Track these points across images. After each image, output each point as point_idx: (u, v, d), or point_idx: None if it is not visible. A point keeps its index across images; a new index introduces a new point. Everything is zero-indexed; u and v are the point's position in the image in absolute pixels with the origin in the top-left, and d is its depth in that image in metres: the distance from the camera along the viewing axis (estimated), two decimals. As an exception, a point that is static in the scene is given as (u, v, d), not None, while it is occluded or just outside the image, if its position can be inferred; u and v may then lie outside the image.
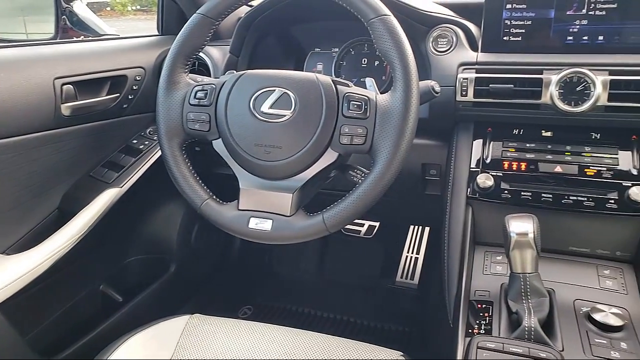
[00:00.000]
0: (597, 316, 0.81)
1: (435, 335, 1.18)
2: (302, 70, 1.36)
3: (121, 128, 1.34)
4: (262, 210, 0.87)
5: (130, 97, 1.32)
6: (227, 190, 0.97)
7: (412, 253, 1.98)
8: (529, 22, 1.06)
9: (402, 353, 0.87)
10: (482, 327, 0.84)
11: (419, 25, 1.14)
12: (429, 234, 1.99)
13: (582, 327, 0.81)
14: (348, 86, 0.87)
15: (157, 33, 1.56)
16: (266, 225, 0.85)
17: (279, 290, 1.93)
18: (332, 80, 0.87)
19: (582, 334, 0.79)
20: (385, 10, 0.83)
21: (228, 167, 0.91)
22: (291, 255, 2.01)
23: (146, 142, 1.36)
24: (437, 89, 0.92)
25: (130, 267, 1.53)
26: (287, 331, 0.91)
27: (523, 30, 1.07)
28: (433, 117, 1.12)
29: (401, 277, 1.90)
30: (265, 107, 0.86)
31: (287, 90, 0.86)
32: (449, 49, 1.11)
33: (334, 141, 0.84)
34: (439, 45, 1.12)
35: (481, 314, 0.87)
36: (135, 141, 1.36)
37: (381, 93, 0.86)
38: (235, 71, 0.94)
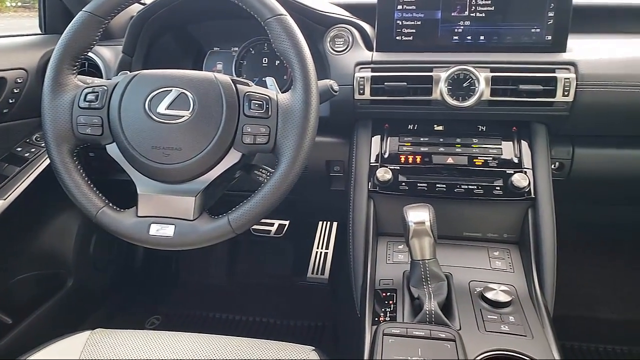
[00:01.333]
0: (489, 295, 0.88)
1: (345, 326, 1.21)
2: (202, 70, 1.33)
3: (2, 135, 1.22)
4: (164, 216, 0.84)
5: (11, 102, 1.21)
6: (126, 196, 0.92)
7: (322, 248, 2.02)
8: (419, 23, 1.12)
9: (313, 348, 0.88)
10: (388, 314, 0.88)
11: (316, 25, 1.16)
12: (337, 228, 2.03)
13: (476, 306, 0.87)
14: (248, 85, 0.86)
15: (39, 32, 1.45)
16: (168, 231, 0.82)
17: (189, 297, 1.88)
18: (232, 80, 0.86)
19: (477, 312, 0.86)
20: (281, 10, 0.84)
21: (125, 172, 0.87)
22: (199, 260, 1.96)
23: (32, 150, 1.26)
24: (336, 87, 0.95)
25: (21, 286, 1.40)
26: (196, 337, 0.89)
27: (414, 30, 1.12)
28: (334, 115, 1.15)
29: (312, 273, 1.93)
30: (161, 108, 0.83)
31: (184, 91, 0.83)
32: (345, 48, 1.14)
33: (237, 141, 0.83)
34: (336, 45, 1.15)
35: (386, 302, 0.91)
36: (19, 149, 1.26)
37: (282, 92, 0.87)
38: (129, 72, 0.90)
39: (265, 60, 1.32)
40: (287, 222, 1.95)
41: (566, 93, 1.03)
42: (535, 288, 0.94)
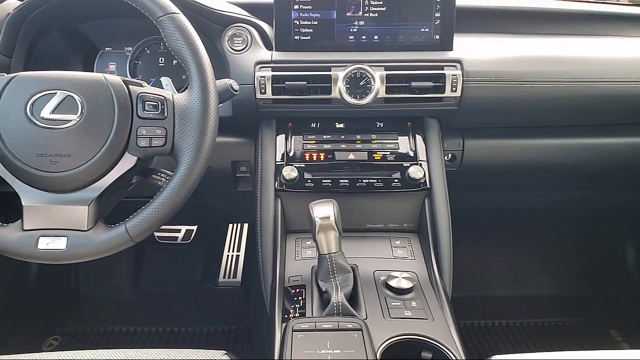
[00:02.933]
0: (392, 282, 0.92)
1: (258, 327, 1.21)
2: (93, 72, 1.25)
3: None
4: (54, 228, 0.78)
5: None
6: (11, 210, 0.84)
7: (233, 251, 1.99)
8: (316, 23, 1.14)
9: (225, 352, 0.87)
10: (297, 310, 0.89)
11: (213, 24, 1.14)
12: (248, 230, 2.02)
13: (381, 295, 0.91)
14: (141, 86, 0.83)
15: None
16: (60, 243, 0.77)
17: (91, 313, 1.77)
18: (123, 80, 0.82)
19: (382, 300, 0.89)
20: (173, 8, 0.82)
21: (7, 183, 0.80)
22: (101, 272, 1.85)
23: None
24: (236, 87, 0.94)
25: None
26: (99, 354, 0.84)
27: (311, 30, 1.14)
28: (237, 115, 1.14)
29: (224, 277, 1.90)
30: (45, 113, 0.77)
31: (71, 93, 0.78)
32: (245, 47, 1.14)
33: (131, 144, 0.80)
34: (235, 44, 1.14)
35: (296, 299, 0.92)
36: None
37: (179, 92, 0.84)
38: (6, 74, 0.83)
39: (161, 60, 1.28)
40: (194, 227, 1.91)
41: (454, 89, 1.10)
42: (434, 273, 0.99)
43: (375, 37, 1.15)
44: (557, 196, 1.57)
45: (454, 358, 0.76)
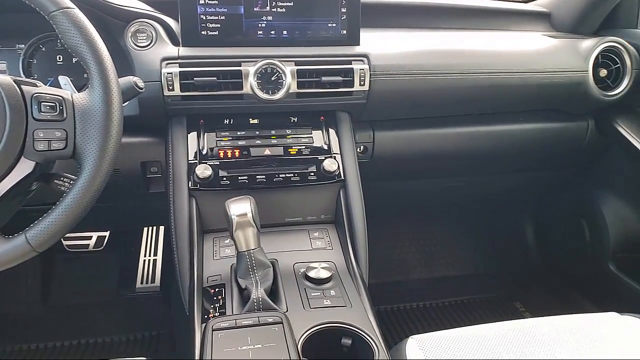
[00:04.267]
0: (311, 273, 0.93)
1: (179, 331, 1.18)
2: (-20, 71, 1.15)
3: None
4: None
5: None
6: None
7: (150, 256, 1.92)
8: (223, 17, 1.12)
9: (145, 358, 0.84)
10: (217, 310, 0.88)
11: (114, 20, 1.09)
12: (164, 232, 1.95)
13: (301, 286, 0.92)
14: (36, 86, 0.78)
15: None
16: (-50, 258, 0.71)
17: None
18: (15, 80, 0.76)
19: (302, 291, 0.91)
20: (66, 2, 0.77)
21: None
22: (4, 287, 1.71)
23: None
24: (141, 84, 0.90)
25: None
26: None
27: (219, 25, 1.13)
28: (145, 114, 1.10)
29: (142, 283, 1.83)
30: None
31: None
32: (149, 44, 1.10)
33: (28, 149, 0.75)
34: (139, 41, 1.10)
35: (215, 298, 0.91)
36: None
37: (80, 92, 0.80)
38: None
39: (59, 58, 1.20)
40: (107, 233, 1.81)
41: (362, 83, 1.14)
42: (351, 261, 1.02)
43: (284, 32, 1.16)
44: (463, 181, 1.67)
45: (372, 342, 0.79)
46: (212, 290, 0.93)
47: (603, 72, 1.34)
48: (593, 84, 1.31)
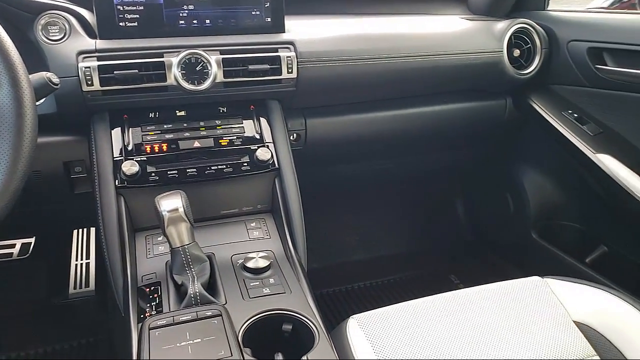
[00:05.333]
0: (249, 264, 0.93)
1: (117, 333, 1.15)
2: None
3: None
4: None
5: None
6: None
7: (82, 259, 1.84)
8: (142, 8, 1.08)
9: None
10: (154, 308, 0.86)
11: (20, 12, 1.02)
12: (95, 233, 1.87)
13: (239, 277, 0.92)
14: None
15: None
16: None
17: None
18: None
19: (240, 283, 0.90)
20: None
21: None
22: None
23: None
24: (56, 80, 0.85)
25: None
26: None
27: (138, 16, 1.09)
28: (63, 111, 1.05)
29: (75, 289, 1.75)
30: None
31: None
32: (63, 37, 1.04)
33: None
34: (51, 34, 1.04)
35: (151, 297, 0.88)
36: None
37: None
38: None
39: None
40: (32, 240, 1.71)
41: (290, 70, 1.14)
42: (289, 249, 1.03)
43: (207, 21, 1.14)
44: (394, 162, 1.72)
45: (312, 325, 0.80)
46: (148, 289, 0.90)
47: (517, 52, 1.42)
48: (508, 64, 1.38)
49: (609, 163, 1.24)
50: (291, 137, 1.28)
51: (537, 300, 1.02)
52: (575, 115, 1.38)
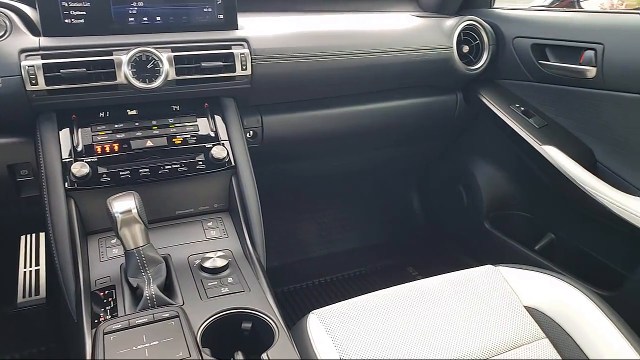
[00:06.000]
0: (207, 263, 0.92)
1: (70, 340, 1.11)
2: None
3: None
4: None
5: None
6: None
7: (32, 266, 1.77)
8: (88, 4, 1.05)
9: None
10: (109, 312, 0.84)
11: (-45, 9, 0.97)
12: (45, 238, 1.80)
13: (197, 278, 0.91)
14: None
15: None
16: None
17: None
18: None
19: (198, 283, 0.89)
20: None
21: None
22: None
23: None
24: None
25: None
26: None
27: (84, 13, 1.05)
28: (5, 112, 1.01)
29: (24, 297, 1.68)
30: None
31: None
32: (3, 34, 1.00)
33: None
34: (-10, 31, 0.99)
35: (105, 301, 0.86)
36: None
37: None
38: None
39: None
40: (-25, 248, 1.64)
41: (244, 67, 1.13)
42: (248, 247, 1.03)
43: (158, 18, 1.11)
44: (352, 158, 1.74)
45: (272, 322, 0.80)
46: (102, 294, 0.88)
47: (466, 48, 1.46)
48: (458, 59, 1.42)
49: (554, 154, 1.30)
50: (247, 135, 1.27)
51: (490, 287, 1.05)
52: (522, 108, 1.44)
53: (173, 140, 1.09)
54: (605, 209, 1.18)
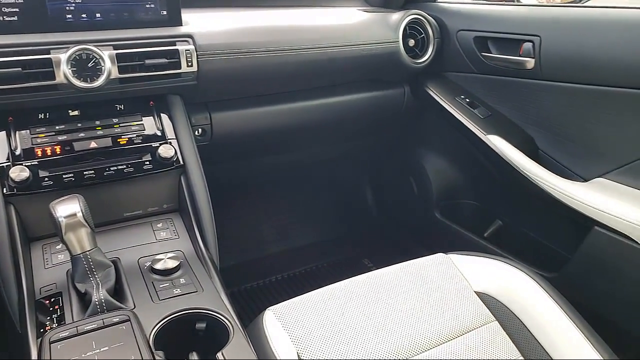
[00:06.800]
0: (158, 265, 0.90)
1: (15, 352, 1.06)
2: None
3: None
4: None
5: None
6: None
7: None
8: (21, 1, 1.00)
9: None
10: (55, 321, 0.81)
11: None
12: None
13: (148, 280, 0.89)
14: None
15: None
16: None
17: None
18: None
19: (149, 285, 0.87)
20: None
21: None
22: None
23: None
24: None
25: None
26: None
27: (17, 9, 1.00)
28: None
29: (-36, 310, 1.58)
30: None
31: None
32: None
33: None
34: None
35: (52, 309, 0.83)
36: None
37: None
38: None
39: None
40: None
41: (189, 64, 1.11)
42: (200, 247, 1.01)
43: (98, 15, 1.08)
44: (305, 153, 1.74)
45: (226, 321, 0.80)
46: (47, 302, 0.84)
47: (412, 42, 1.49)
48: (404, 53, 1.45)
49: (498, 143, 1.35)
50: (196, 132, 1.25)
51: (442, 275, 1.08)
52: (467, 100, 1.48)
53: (118, 140, 1.06)
54: (547, 195, 1.23)
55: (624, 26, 1.13)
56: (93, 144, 1.04)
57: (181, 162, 1.10)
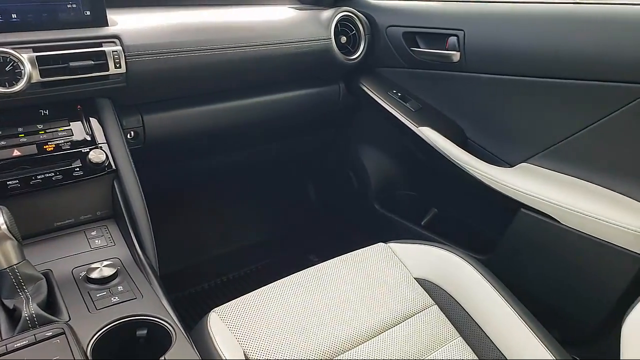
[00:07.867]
0: (93, 274, 0.87)
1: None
2: None
3: None
4: None
5: None
6: None
7: None
8: None
9: None
10: (-18, 341, 0.76)
11: None
12: None
13: (83, 291, 0.85)
14: None
15: None
16: None
17: None
18: None
19: (85, 296, 0.84)
20: None
21: None
22: None
23: None
24: None
25: None
26: None
27: None
28: None
29: None
30: None
31: None
32: None
33: None
34: None
35: (-23, 329, 0.78)
36: None
37: None
38: None
39: None
40: None
41: (117, 65, 1.07)
42: (137, 253, 0.98)
43: (14, 15, 1.02)
44: (245, 152, 1.73)
45: (168, 325, 0.78)
46: (-28, 323, 0.79)
47: (343, 39, 1.52)
48: (337, 50, 1.47)
49: (429, 134, 1.40)
50: (128, 136, 1.21)
51: (383, 263, 1.12)
52: (399, 94, 1.52)
53: (44, 147, 1.01)
54: (477, 181, 1.29)
55: (539, 20, 1.21)
56: (16, 152, 0.98)
57: (113, 167, 1.06)
